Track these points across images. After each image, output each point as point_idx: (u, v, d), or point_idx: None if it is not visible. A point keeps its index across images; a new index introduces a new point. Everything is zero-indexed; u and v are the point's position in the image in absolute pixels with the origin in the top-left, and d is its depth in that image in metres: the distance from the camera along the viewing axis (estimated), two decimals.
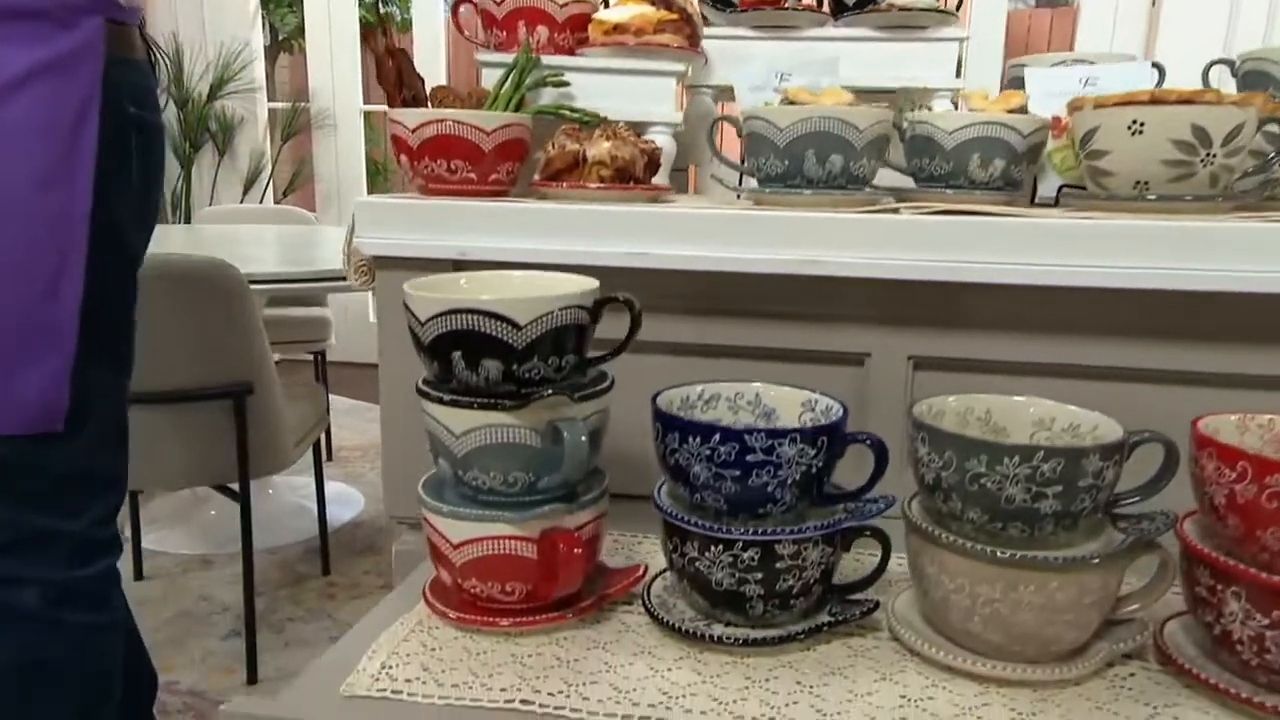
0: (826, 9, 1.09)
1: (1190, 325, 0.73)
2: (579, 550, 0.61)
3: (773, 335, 0.82)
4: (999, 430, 0.64)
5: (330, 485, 2.38)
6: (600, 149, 0.82)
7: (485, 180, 0.84)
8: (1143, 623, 0.61)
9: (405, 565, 0.84)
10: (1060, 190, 0.87)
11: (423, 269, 0.79)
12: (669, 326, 0.83)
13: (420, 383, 0.64)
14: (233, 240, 2.34)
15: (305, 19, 4.03)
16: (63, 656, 0.93)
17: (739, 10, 1.07)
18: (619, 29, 0.93)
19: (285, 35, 6.56)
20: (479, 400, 0.60)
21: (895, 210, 0.78)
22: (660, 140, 0.93)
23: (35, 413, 0.81)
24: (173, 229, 3.14)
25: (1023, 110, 0.83)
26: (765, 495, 0.59)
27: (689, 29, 0.96)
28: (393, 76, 0.86)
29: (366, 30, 3.91)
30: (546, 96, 0.93)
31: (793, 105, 0.80)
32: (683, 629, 0.61)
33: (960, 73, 1.07)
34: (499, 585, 0.62)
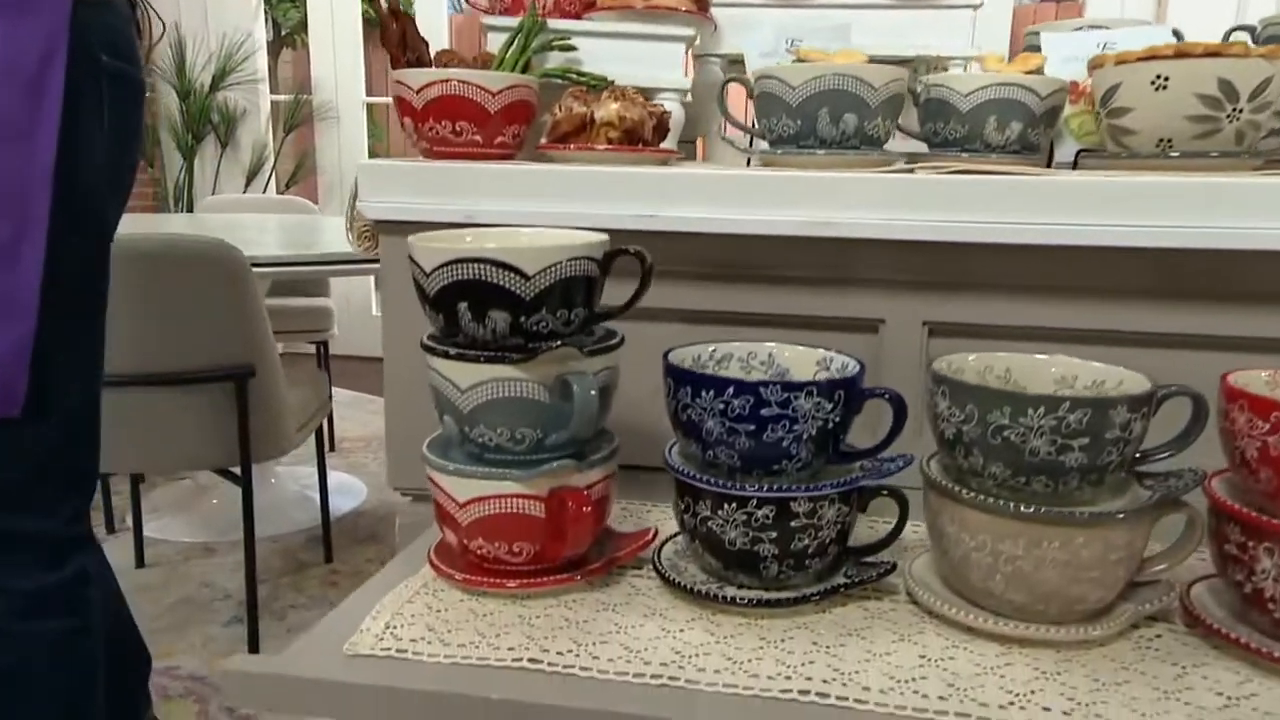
0: None
1: (1216, 286, 0.71)
2: (588, 509, 0.59)
3: (785, 301, 0.80)
4: (1019, 389, 0.62)
5: (333, 475, 2.37)
6: (608, 110, 0.80)
7: (491, 143, 0.82)
8: (1168, 584, 0.59)
9: (409, 538, 0.82)
10: (1078, 154, 0.85)
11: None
12: (679, 293, 0.81)
13: (425, 338, 0.62)
14: (235, 227, 2.33)
15: (308, 11, 4.02)
16: (33, 668, 0.88)
17: None
18: None
19: (288, 30, 6.56)
20: (485, 354, 0.58)
21: (910, 171, 0.76)
22: (668, 107, 0.91)
23: None
24: (174, 217, 3.13)
25: (1040, 73, 0.82)
26: (780, 451, 0.57)
27: None
28: (396, 38, 0.84)
29: None
30: (553, 61, 0.91)
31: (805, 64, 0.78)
32: (695, 589, 0.60)
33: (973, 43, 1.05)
34: (506, 545, 0.60)
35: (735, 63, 1.06)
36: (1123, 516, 0.54)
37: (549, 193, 0.79)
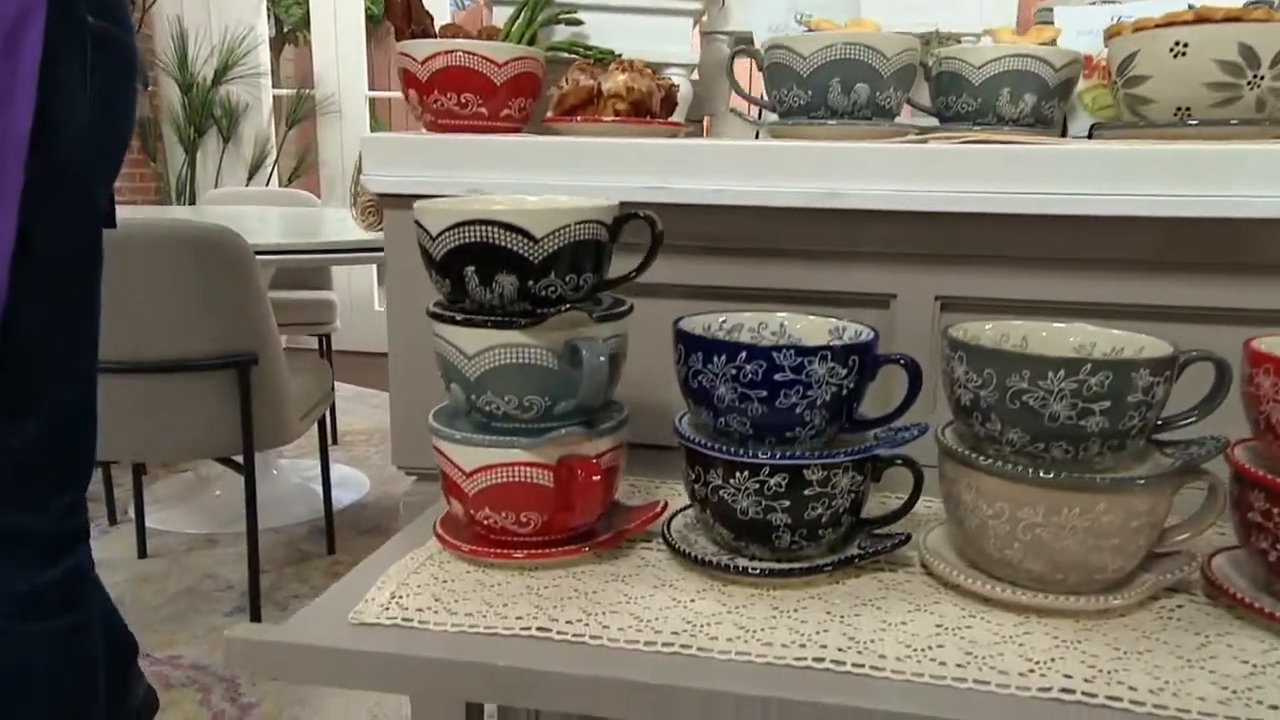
0: None
1: (1236, 257, 0.70)
2: (597, 478, 0.58)
3: (795, 276, 0.79)
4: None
5: (336, 468, 2.36)
6: (616, 81, 0.79)
7: (497, 116, 0.81)
8: (1189, 555, 0.58)
9: (413, 517, 0.81)
10: (1092, 128, 0.83)
11: None
12: (685, 268, 0.80)
13: (431, 305, 0.61)
14: (237, 218, 2.32)
15: (311, 4, 4.01)
16: (32, 667, 0.86)
17: None
18: None
19: (290, 27, 6.56)
20: (493, 319, 0.57)
21: (923, 141, 0.75)
22: (676, 82, 0.90)
23: None
24: (176, 210, 3.12)
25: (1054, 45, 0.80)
26: (794, 418, 0.56)
27: None
28: (401, 10, 0.83)
29: None
30: (559, 35, 0.90)
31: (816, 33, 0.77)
32: (706, 560, 0.59)
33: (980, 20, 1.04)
34: (513, 515, 0.59)
35: (743, 41, 1.05)
36: (1144, 482, 0.52)
37: (555, 165, 0.78)
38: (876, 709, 0.46)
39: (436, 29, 0.86)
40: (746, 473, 0.56)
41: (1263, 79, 0.67)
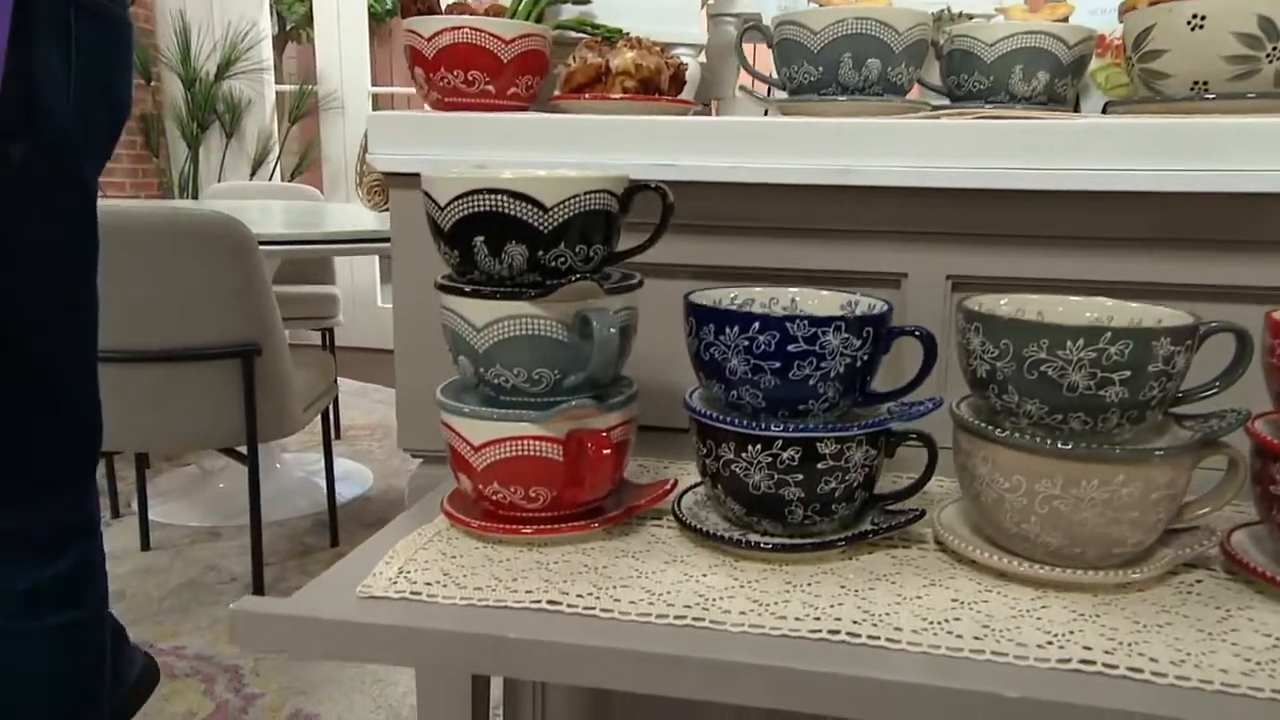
0: None
1: (1258, 234, 0.69)
2: (608, 452, 0.58)
3: (805, 255, 0.78)
4: None
5: (339, 463, 2.36)
6: (624, 59, 0.78)
7: (504, 94, 0.80)
8: (1208, 530, 0.57)
9: (419, 499, 0.80)
10: (1106, 106, 0.83)
11: None
12: (694, 248, 0.79)
13: (440, 278, 0.60)
14: (240, 211, 2.31)
15: (314, 1, 4.01)
16: (34, 664, 0.84)
17: None
18: None
19: (293, 24, 6.55)
20: (502, 290, 0.56)
21: (935, 117, 0.74)
22: (684, 61, 0.89)
23: None
24: (179, 203, 3.11)
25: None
26: (807, 390, 0.55)
27: None
28: None
29: None
30: (567, 14, 0.89)
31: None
32: (717, 535, 0.58)
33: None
34: (523, 490, 0.58)
35: (751, 24, 1.04)
36: (1163, 453, 0.52)
37: (563, 143, 0.77)
38: (894, 680, 0.45)
39: (443, 6, 0.85)
40: (759, 446, 0.56)
41: None
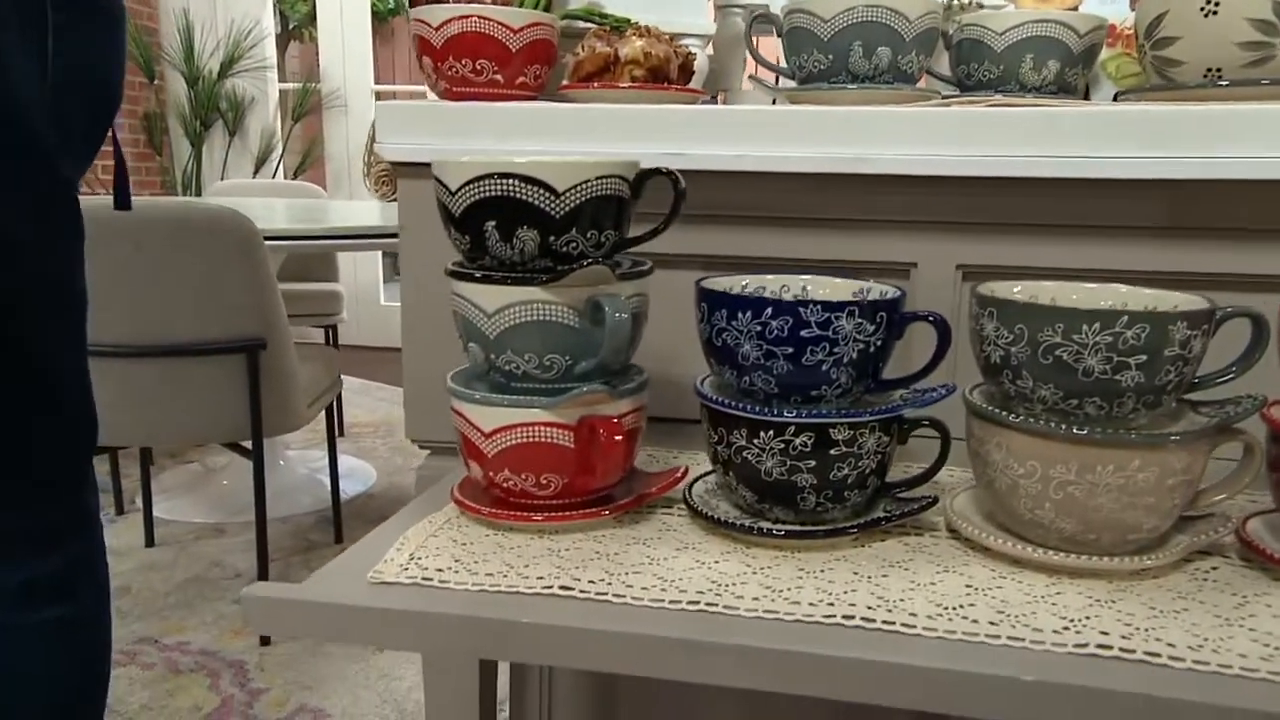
0: None
1: (1273, 221, 0.69)
2: (619, 438, 0.57)
3: (814, 245, 0.78)
4: None
5: (343, 460, 2.36)
6: (633, 47, 0.78)
7: (512, 83, 0.80)
8: (1223, 517, 0.57)
9: (427, 489, 0.80)
10: (1116, 96, 0.82)
11: None
12: (702, 238, 0.79)
13: (450, 265, 0.60)
14: (244, 208, 2.31)
15: (317, 0, 4.01)
16: (29, 661, 0.82)
17: None
18: None
19: (296, 24, 6.55)
20: (513, 275, 0.56)
21: (946, 105, 0.74)
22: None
23: None
24: (185, 199, 3.11)
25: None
26: (820, 376, 0.55)
27: None
28: None
29: None
30: (574, 3, 0.89)
31: None
32: (728, 522, 0.58)
33: None
34: (534, 477, 0.58)
35: (760, 13, 1.04)
36: (1179, 438, 0.51)
37: (572, 132, 0.77)
38: (912, 664, 0.44)
39: None
40: (771, 432, 0.55)
41: None
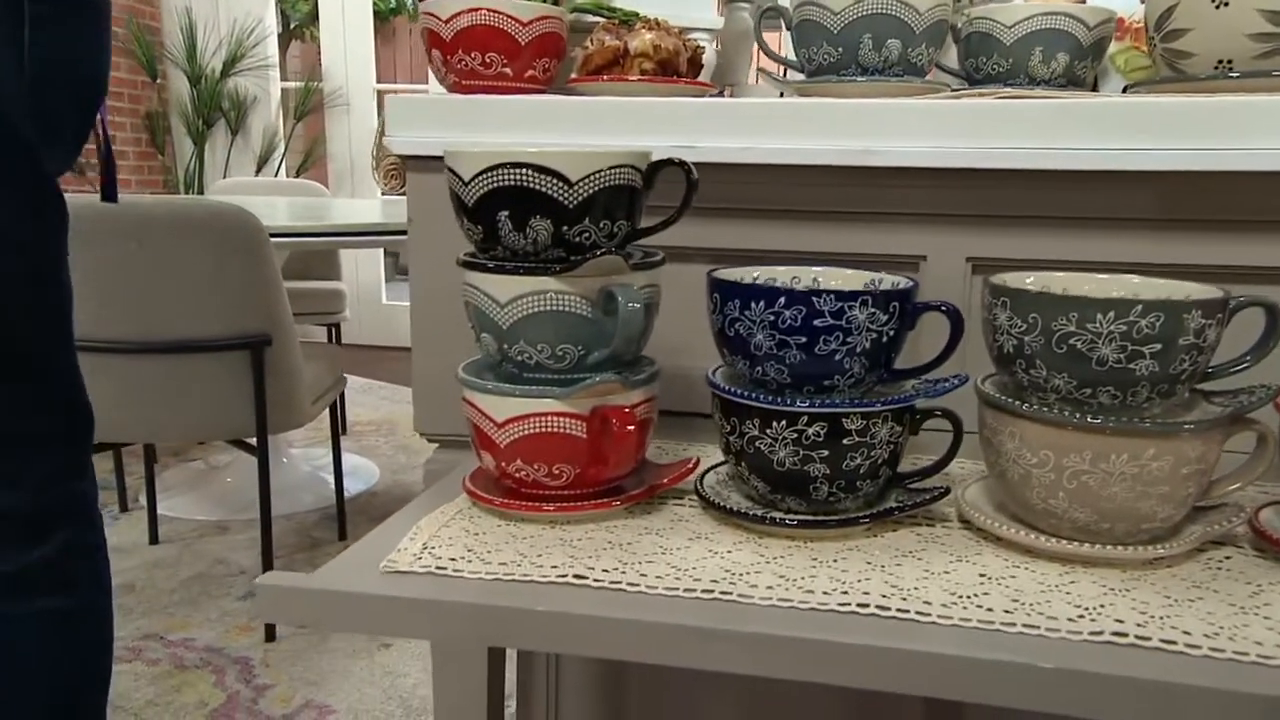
0: None
1: None
2: (632, 428, 0.57)
3: (823, 239, 0.78)
4: None
5: (346, 458, 2.35)
6: (642, 40, 0.78)
7: (521, 76, 0.80)
8: (1236, 507, 0.56)
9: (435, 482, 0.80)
10: (1126, 90, 0.82)
11: None
12: (714, 230, 0.79)
13: (462, 255, 0.60)
14: (246, 206, 2.31)
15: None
16: (22, 651, 0.81)
17: None
18: None
19: (297, 23, 6.55)
20: (526, 265, 0.56)
21: (955, 97, 0.74)
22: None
23: None
24: (189, 196, 3.12)
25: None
26: (833, 365, 0.55)
27: None
28: None
29: None
30: None
31: None
32: (741, 512, 0.58)
33: None
34: (546, 467, 0.58)
35: (770, 6, 1.04)
36: (1194, 427, 0.51)
37: (581, 125, 0.76)
38: (927, 651, 0.44)
39: None
40: (784, 422, 0.55)
41: None
